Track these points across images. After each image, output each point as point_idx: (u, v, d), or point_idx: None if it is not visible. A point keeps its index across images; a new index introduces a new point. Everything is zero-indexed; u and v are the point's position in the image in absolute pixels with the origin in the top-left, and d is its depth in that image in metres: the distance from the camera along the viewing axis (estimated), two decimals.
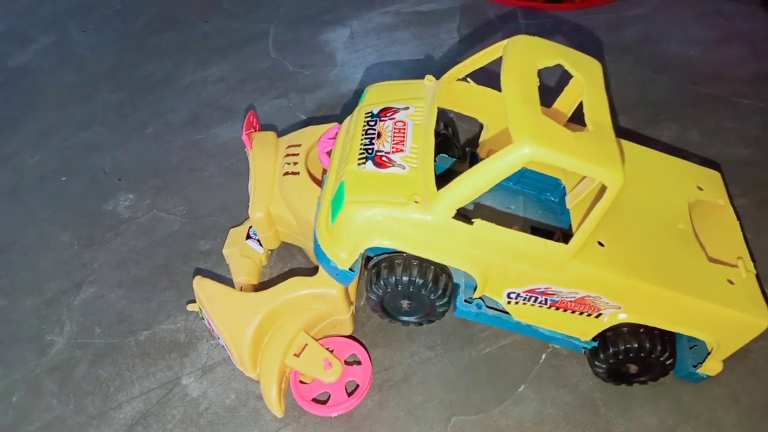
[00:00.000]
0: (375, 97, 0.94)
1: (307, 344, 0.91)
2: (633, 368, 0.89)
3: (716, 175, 1.00)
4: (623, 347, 0.85)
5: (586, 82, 0.81)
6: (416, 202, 0.76)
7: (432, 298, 0.85)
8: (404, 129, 0.85)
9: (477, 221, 0.76)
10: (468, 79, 0.95)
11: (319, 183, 1.03)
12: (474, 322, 1.02)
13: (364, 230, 0.79)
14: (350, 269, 0.84)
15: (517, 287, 0.83)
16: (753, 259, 0.91)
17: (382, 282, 0.83)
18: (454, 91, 0.95)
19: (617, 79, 1.43)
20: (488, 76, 0.95)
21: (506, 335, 1.01)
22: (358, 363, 0.95)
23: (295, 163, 1.05)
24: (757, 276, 0.88)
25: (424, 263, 0.82)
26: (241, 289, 1.02)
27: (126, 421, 0.96)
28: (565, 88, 0.91)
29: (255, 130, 1.14)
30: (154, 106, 1.51)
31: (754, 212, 1.13)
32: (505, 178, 0.73)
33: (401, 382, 0.97)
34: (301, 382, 0.93)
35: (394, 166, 0.81)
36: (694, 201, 0.94)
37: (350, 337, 0.99)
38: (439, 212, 0.75)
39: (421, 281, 0.82)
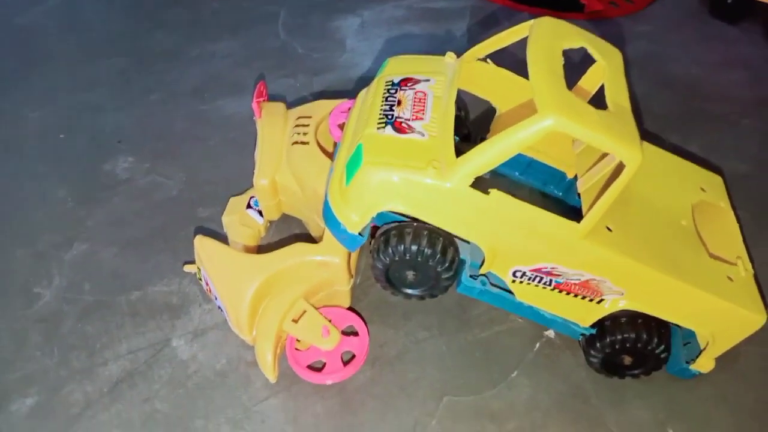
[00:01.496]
0: (396, 68, 0.94)
1: (306, 311, 0.90)
2: (627, 360, 0.90)
3: (718, 179, 1.02)
4: (620, 337, 0.86)
5: (608, 67, 0.82)
6: (435, 168, 0.76)
7: (438, 269, 0.84)
8: (425, 99, 0.85)
9: (493, 191, 0.76)
10: (488, 59, 0.95)
11: (329, 155, 1.02)
12: (471, 306, 1.02)
13: (379, 192, 0.79)
14: (359, 234, 0.83)
15: (524, 265, 0.83)
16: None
17: (390, 250, 0.83)
18: (472, 71, 0.95)
19: None
20: (508, 60, 0.96)
21: (502, 321, 1.01)
22: (355, 334, 0.94)
23: (305, 134, 1.05)
24: (755, 276, 0.89)
25: (433, 233, 0.82)
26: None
27: (111, 378, 0.94)
28: (587, 72, 0.92)
29: (265, 101, 1.14)
30: (160, 75, 1.49)
31: (751, 225, 1.14)
32: (518, 153, 0.74)
33: (395, 360, 0.96)
34: (296, 349, 0.92)
35: (413, 132, 0.80)
36: (696, 201, 0.96)
37: (348, 308, 0.98)
38: (456, 179, 0.75)
39: (429, 251, 0.82)
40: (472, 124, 1.05)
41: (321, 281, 0.93)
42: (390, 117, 0.82)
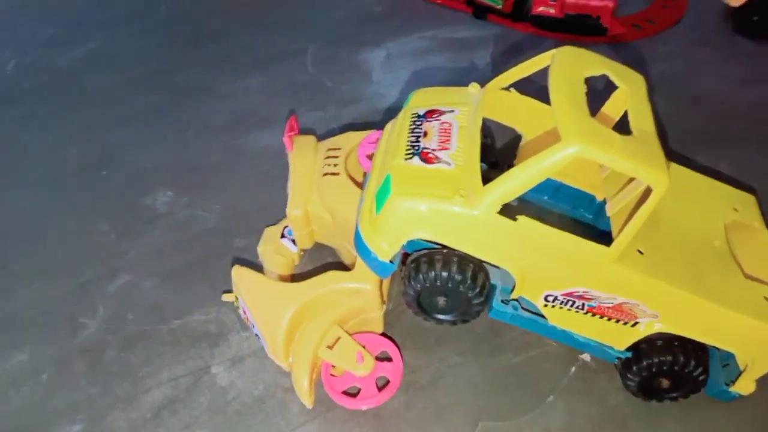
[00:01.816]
0: (421, 101, 0.96)
1: (340, 337, 0.92)
2: (665, 383, 0.89)
3: (751, 198, 1.02)
4: (657, 359, 0.85)
5: (631, 93, 0.84)
6: (462, 196, 0.78)
7: (469, 295, 0.85)
8: (450, 130, 0.88)
9: (521, 218, 0.78)
10: (511, 88, 0.97)
11: (358, 185, 1.05)
12: (503, 331, 1.03)
13: (408, 222, 0.81)
14: (390, 261, 0.85)
15: (555, 290, 0.84)
16: None
17: (421, 276, 0.85)
18: (496, 100, 0.97)
19: None
20: (531, 88, 0.98)
21: (535, 346, 1.01)
22: (389, 360, 0.96)
23: (335, 165, 1.08)
24: None
25: (463, 260, 0.84)
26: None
27: (153, 405, 0.97)
28: (609, 99, 0.94)
29: (295, 134, 1.17)
30: (195, 111, 1.55)
31: None
32: (546, 178, 0.75)
33: (429, 385, 0.97)
34: (331, 375, 0.94)
35: (440, 162, 0.83)
36: (729, 222, 0.95)
37: (381, 334, 1.00)
38: (484, 207, 0.77)
39: (459, 277, 0.83)
40: (498, 152, 1.07)
41: (354, 308, 0.95)
42: (417, 148, 0.85)
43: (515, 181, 0.76)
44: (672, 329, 0.84)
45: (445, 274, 0.83)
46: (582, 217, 1.06)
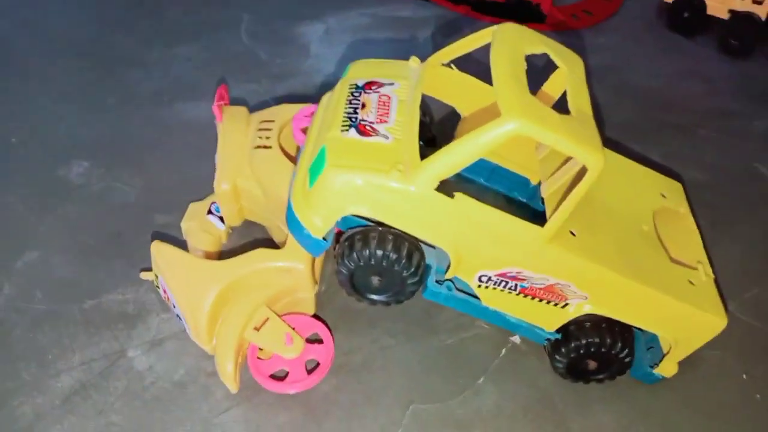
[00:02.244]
0: (360, 72, 0.93)
1: (268, 318, 0.88)
2: (592, 364, 0.90)
3: (678, 185, 1.04)
4: (585, 341, 0.86)
5: (570, 73, 0.83)
6: (399, 170, 0.75)
7: (404, 275, 0.83)
8: (389, 103, 0.85)
9: (458, 195, 0.76)
10: (452, 65, 0.95)
11: (292, 159, 1.00)
12: (437, 313, 1.01)
13: (342, 196, 0.77)
14: (323, 239, 0.81)
15: (489, 269, 0.82)
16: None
17: (355, 255, 0.81)
18: (436, 76, 0.95)
19: None
20: (472, 65, 0.96)
21: (468, 328, 1.00)
22: (320, 342, 0.92)
23: (268, 138, 1.03)
24: (716, 281, 0.91)
25: (399, 238, 0.81)
26: None
27: (63, 391, 0.89)
28: (549, 78, 0.93)
29: (225, 104, 1.11)
30: (117, 79, 1.45)
31: (709, 231, 1.16)
32: (483, 157, 0.74)
33: (361, 368, 0.94)
34: (258, 358, 0.89)
35: (377, 135, 0.80)
36: (657, 207, 0.97)
37: (313, 316, 0.96)
38: (421, 183, 0.74)
39: (394, 256, 0.81)
40: (436, 129, 1.05)
41: (284, 288, 0.91)
42: (354, 120, 0.81)
43: (453, 157, 0.74)
44: (601, 310, 0.85)
45: (379, 252, 0.80)
46: (517, 199, 1.06)
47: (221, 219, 1.07)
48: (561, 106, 0.81)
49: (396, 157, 0.77)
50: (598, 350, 0.86)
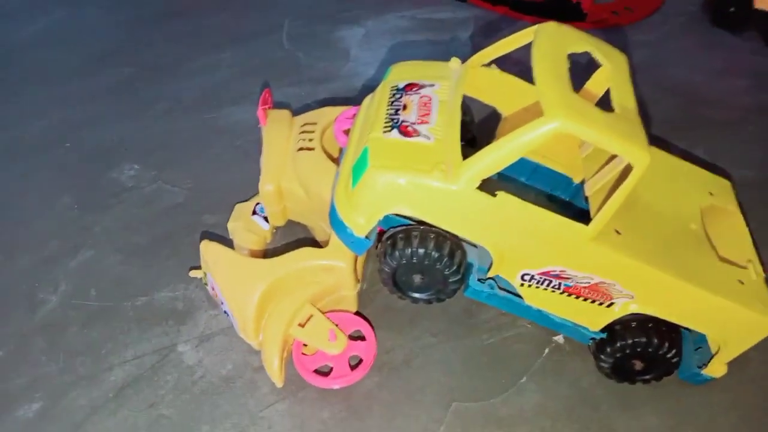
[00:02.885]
0: (400, 74, 0.94)
1: (312, 315, 0.90)
2: (638, 365, 0.89)
3: (726, 183, 1.02)
4: (631, 341, 0.85)
5: (614, 70, 0.82)
6: (441, 170, 0.76)
7: (446, 273, 0.84)
8: (430, 104, 0.85)
9: (500, 193, 0.76)
10: (492, 65, 0.95)
11: (334, 161, 1.02)
12: (478, 312, 1.02)
13: (385, 196, 0.78)
14: (366, 237, 0.83)
15: (532, 268, 0.82)
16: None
17: (397, 253, 0.82)
18: (477, 77, 0.95)
19: None
20: (513, 65, 0.96)
21: (509, 327, 1.00)
22: (362, 339, 0.94)
23: (311, 140, 1.05)
24: (766, 280, 0.89)
25: (440, 237, 0.82)
26: None
27: (116, 384, 0.93)
28: (592, 76, 0.92)
29: (269, 107, 1.14)
30: (165, 85, 1.50)
31: (759, 230, 1.13)
32: (525, 156, 0.74)
33: (402, 365, 0.95)
34: (302, 354, 0.91)
35: (419, 136, 0.80)
36: (705, 205, 0.95)
37: (355, 313, 0.98)
38: (463, 182, 0.75)
39: (436, 254, 0.81)
40: (477, 129, 1.05)
41: (327, 286, 0.93)
42: (396, 121, 0.83)
43: (495, 156, 0.74)
44: (647, 310, 0.84)
45: (422, 250, 0.81)
46: (558, 198, 1.06)
47: (266, 219, 1.10)
48: (605, 104, 0.81)
49: (438, 157, 0.78)
50: (644, 350, 0.85)
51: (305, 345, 0.92)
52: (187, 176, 1.26)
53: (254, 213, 1.10)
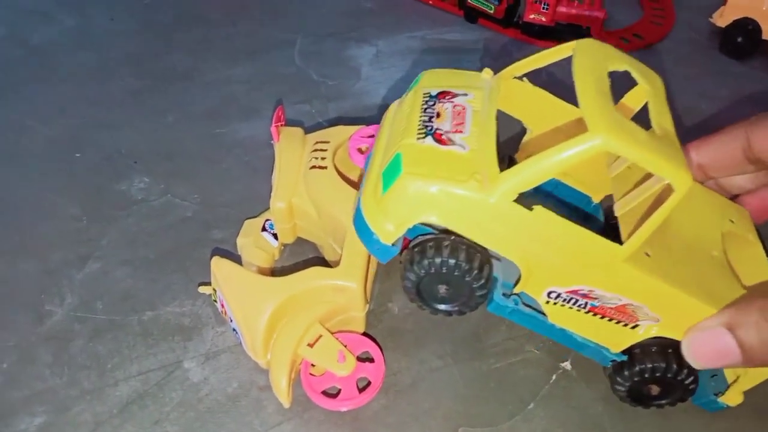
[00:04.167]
0: (432, 81, 0.93)
1: (321, 335, 0.89)
2: (654, 389, 0.88)
3: (745, 211, 1.01)
4: (651, 365, 0.84)
5: (651, 91, 0.82)
6: (477, 180, 0.74)
7: (474, 286, 0.82)
8: (464, 113, 0.84)
9: (537, 208, 0.75)
10: (524, 78, 0.94)
11: (347, 180, 1.02)
12: (485, 335, 1.01)
13: (418, 203, 0.77)
14: (393, 245, 0.81)
15: (560, 286, 0.81)
16: None
17: (426, 262, 0.80)
18: (507, 89, 0.94)
19: None
20: (545, 80, 0.96)
21: (517, 352, 1.00)
22: (371, 360, 0.93)
23: (323, 158, 1.05)
24: None
25: (471, 248, 0.81)
26: None
27: (121, 399, 0.92)
28: (627, 94, 0.92)
29: (283, 125, 1.14)
30: (175, 97, 1.51)
31: None
32: (565, 170, 0.72)
33: (409, 388, 0.95)
34: (310, 374, 0.91)
35: (454, 144, 0.79)
36: (726, 233, 0.95)
37: (364, 334, 0.97)
38: (500, 194, 0.74)
39: (467, 266, 0.80)
40: (500, 143, 1.05)
41: (337, 306, 0.92)
42: (429, 128, 0.81)
43: (535, 170, 0.72)
44: (671, 334, 0.83)
45: (452, 261, 0.80)
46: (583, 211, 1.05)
47: (275, 236, 1.10)
48: (639, 121, 0.80)
49: (473, 167, 0.76)
50: (663, 375, 0.84)
51: (313, 365, 0.91)
52: (196, 190, 1.26)
53: (263, 229, 1.10)
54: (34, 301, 1.05)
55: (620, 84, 0.86)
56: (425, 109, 0.85)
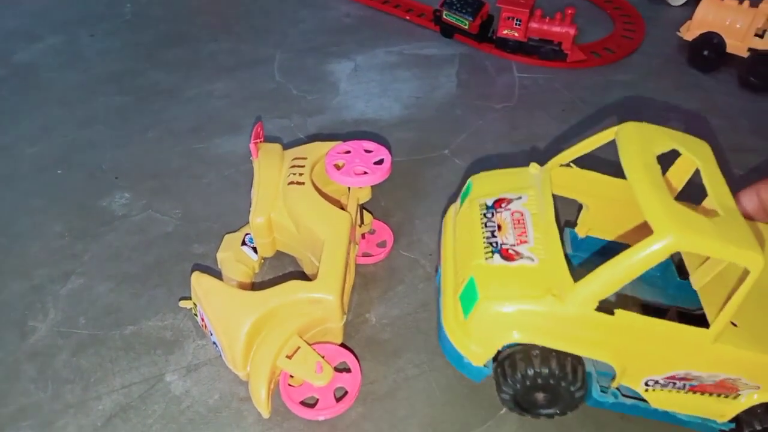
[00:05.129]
0: (483, 188, 0.95)
1: (300, 347, 0.92)
2: None
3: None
4: (760, 428, 0.84)
5: (703, 165, 0.83)
6: (554, 295, 0.76)
7: (571, 389, 0.83)
8: (523, 219, 0.86)
9: (618, 311, 0.77)
10: (571, 164, 0.96)
11: (323, 195, 1.06)
12: None
13: (501, 325, 0.79)
14: (484, 366, 0.84)
15: (656, 374, 0.82)
16: None
17: (519, 375, 0.81)
18: (557, 176, 0.96)
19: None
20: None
21: None
22: (348, 371, 0.96)
23: (301, 174, 1.08)
24: None
25: (561, 354, 0.82)
26: None
27: (105, 413, 0.94)
28: (673, 165, 0.94)
29: (261, 141, 1.17)
30: (157, 113, 1.53)
31: None
32: (639, 274, 0.72)
33: (386, 396, 0.98)
34: (289, 385, 0.94)
35: (522, 258, 0.81)
36: None
37: (342, 345, 1.00)
38: (578, 305, 0.76)
39: (560, 373, 0.81)
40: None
41: (315, 318, 0.95)
42: (495, 245, 0.83)
43: (610, 277, 0.73)
44: None
45: (545, 371, 0.81)
46: (650, 274, 1.02)
47: (254, 250, 1.12)
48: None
49: (546, 280, 0.78)
50: None
51: (292, 376, 0.94)
52: (177, 205, 1.28)
53: (243, 243, 1.13)
54: (18, 318, 1.07)
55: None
56: (485, 223, 0.87)
